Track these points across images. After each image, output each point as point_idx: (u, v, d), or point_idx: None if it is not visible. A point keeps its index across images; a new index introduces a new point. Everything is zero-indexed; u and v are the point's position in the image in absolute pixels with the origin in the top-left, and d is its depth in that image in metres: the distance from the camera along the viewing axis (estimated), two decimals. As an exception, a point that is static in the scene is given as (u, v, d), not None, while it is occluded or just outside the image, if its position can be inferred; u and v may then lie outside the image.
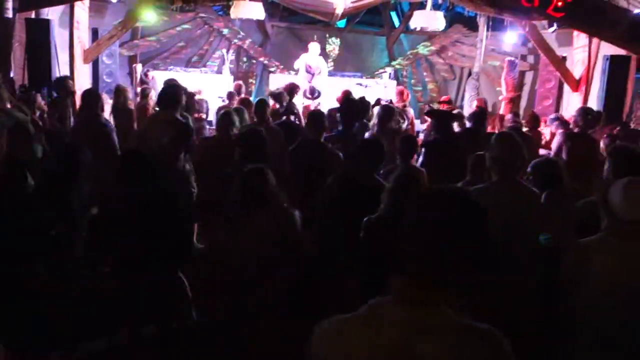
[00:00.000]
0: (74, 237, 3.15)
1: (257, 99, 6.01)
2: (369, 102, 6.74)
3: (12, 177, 2.79)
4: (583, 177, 4.55)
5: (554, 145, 5.93)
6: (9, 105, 4.70)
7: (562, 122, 6.83)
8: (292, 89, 7.32)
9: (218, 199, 3.80)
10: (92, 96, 5.26)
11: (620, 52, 8.65)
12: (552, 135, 7.15)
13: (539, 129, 7.57)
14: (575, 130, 6.03)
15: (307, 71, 10.22)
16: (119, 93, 7.24)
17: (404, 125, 7.28)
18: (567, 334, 2.53)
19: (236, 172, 3.52)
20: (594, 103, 9.13)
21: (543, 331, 2.83)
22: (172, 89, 5.19)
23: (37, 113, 6.07)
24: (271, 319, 2.02)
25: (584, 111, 6.11)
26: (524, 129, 6.95)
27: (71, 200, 3.14)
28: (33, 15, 8.44)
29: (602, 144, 5.50)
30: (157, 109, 5.91)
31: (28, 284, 2.15)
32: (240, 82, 9.56)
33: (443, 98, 9.60)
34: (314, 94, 9.01)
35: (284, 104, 6.91)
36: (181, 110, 5.10)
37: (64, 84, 7.02)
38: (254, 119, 5.63)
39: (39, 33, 8.08)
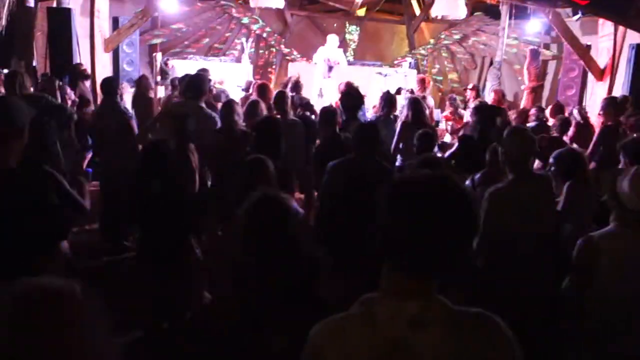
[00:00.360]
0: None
1: (276, 92, 5.94)
2: (393, 95, 6.66)
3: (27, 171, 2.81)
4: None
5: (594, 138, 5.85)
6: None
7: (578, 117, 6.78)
8: (296, 84, 7.29)
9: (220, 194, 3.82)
10: (110, 84, 5.31)
11: (647, 40, 8.46)
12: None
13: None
14: (603, 120, 5.95)
15: (327, 64, 10.13)
16: (138, 82, 7.37)
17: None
18: (575, 329, 2.51)
19: (237, 166, 3.54)
20: (619, 93, 8.93)
21: (549, 326, 2.81)
22: (197, 78, 5.16)
23: (69, 102, 6.19)
24: (272, 317, 2.01)
25: (611, 101, 5.99)
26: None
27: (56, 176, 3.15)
28: (55, 4, 8.53)
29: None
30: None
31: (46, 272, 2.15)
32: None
33: (471, 86, 9.36)
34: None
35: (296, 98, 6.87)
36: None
37: (75, 69, 7.16)
38: (274, 110, 5.57)
39: (61, 22, 8.15)
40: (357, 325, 1.24)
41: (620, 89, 8.99)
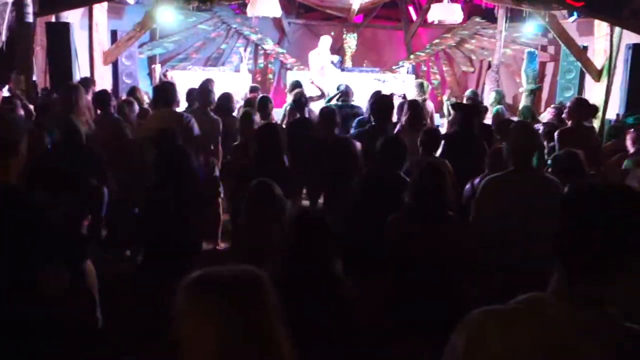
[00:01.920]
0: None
1: (260, 96, 6.02)
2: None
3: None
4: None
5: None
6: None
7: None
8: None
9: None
10: (103, 97, 5.39)
11: (644, 40, 8.47)
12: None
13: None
14: (567, 118, 5.80)
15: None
16: (129, 93, 7.56)
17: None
18: None
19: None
20: (617, 93, 8.97)
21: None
22: (162, 87, 5.43)
23: None
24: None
25: (581, 102, 5.84)
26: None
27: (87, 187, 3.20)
28: (53, 19, 8.58)
29: (628, 138, 5.27)
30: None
31: (50, 291, 2.11)
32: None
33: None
34: (349, 95, 7.49)
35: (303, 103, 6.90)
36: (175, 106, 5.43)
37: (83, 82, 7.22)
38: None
39: (59, 36, 8.19)
40: (526, 322, 1.24)
41: (618, 90, 9.01)
